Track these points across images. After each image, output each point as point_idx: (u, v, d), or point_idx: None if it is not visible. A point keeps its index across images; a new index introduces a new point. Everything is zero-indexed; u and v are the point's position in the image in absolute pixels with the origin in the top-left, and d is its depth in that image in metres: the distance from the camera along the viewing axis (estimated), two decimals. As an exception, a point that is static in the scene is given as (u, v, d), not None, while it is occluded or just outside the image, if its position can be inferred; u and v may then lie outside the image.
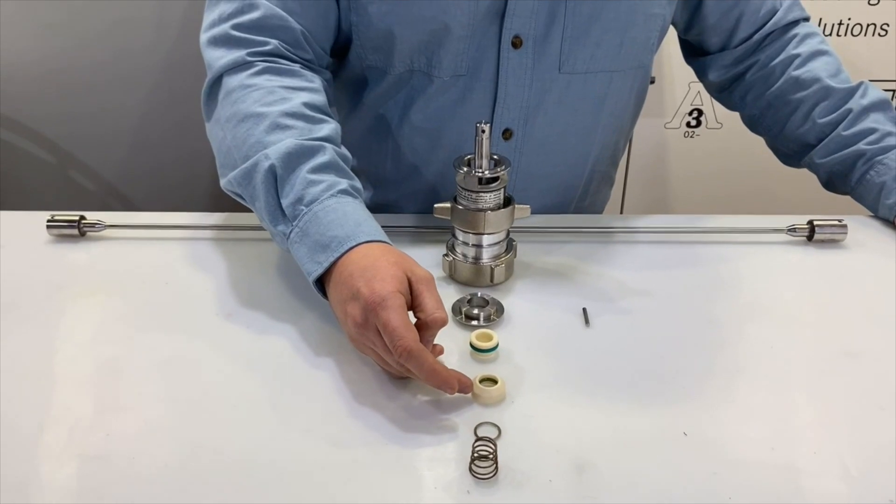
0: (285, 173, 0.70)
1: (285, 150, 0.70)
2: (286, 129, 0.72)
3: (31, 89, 1.49)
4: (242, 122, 0.74)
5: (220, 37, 0.79)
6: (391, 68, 0.86)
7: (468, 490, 0.54)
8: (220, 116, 0.77)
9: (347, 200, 0.69)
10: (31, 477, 0.55)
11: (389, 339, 0.59)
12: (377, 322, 0.60)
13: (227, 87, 0.77)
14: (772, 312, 0.74)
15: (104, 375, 0.65)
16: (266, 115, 0.73)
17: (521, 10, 0.82)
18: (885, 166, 0.87)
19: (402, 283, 0.62)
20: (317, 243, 0.67)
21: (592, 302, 0.75)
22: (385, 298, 0.60)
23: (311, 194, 0.69)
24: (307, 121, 0.74)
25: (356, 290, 0.61)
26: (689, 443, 0.59)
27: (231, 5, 0.79)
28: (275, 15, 0.79)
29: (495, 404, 0.62)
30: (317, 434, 0.59)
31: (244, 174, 0.72)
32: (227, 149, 0.75)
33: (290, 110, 0.73)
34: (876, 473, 0.56)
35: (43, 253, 0.82)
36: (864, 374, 0.66)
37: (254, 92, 0.75)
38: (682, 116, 1.69)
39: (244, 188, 0.73)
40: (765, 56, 0.96)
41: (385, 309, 0.59)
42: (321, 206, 0.68)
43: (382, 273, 0.62)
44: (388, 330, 0.59)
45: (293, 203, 0.69)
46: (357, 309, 0.61)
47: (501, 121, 0.88)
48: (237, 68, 0.77)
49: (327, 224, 0.67)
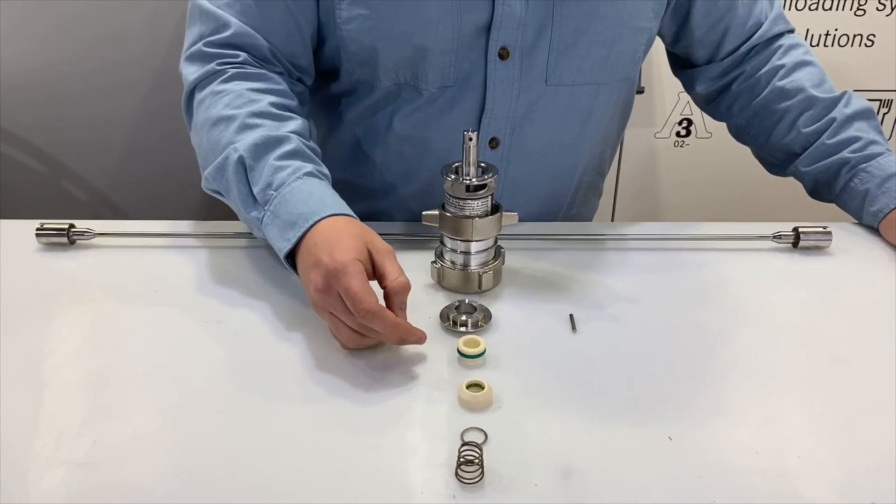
0: (254, 163, 0.74)
1: (252, 142, 0.75)
2: (255, 127, 0.76)
3: (23, 99, 1.49)
4: (215, 126, 0.78)
5: (195, 54, 0.84)
6: (378, 82, 0.87)
7: (454, 495, 0.55)
8: (197, 123, 0.81)
9: (313, 181, 0.74)
10: (18, 484, 0.55)
11: (351, 302, 0.63)
12: (339, 288, 0.64)
13: (200, 96, 0.82)
14: (757, 318, 0.75)
15: (93, 383, 0.66)
16: (235, 116, 0.77)
17: (507, 22, 0.83)
18: (869, 174, 0.88)
19: (362, 253, 0.67)
20: (285, 222, 0.71)
21: (579, 308, 0.75)
22: (346, 265, 0.64)
23: (279, 179, 0.73)
24: (274, 118, 0.78)
25: (318, 258, 0.66)
26: (673, 447, 0.59)
27: (206, 26, 0.84)
28: (244, 33, 0.83)
29: (482, 409, 0.62)
30: (304, 441, 0.59)
31: (217, 169, 0.76)
32: (204, 153, 0.80)
33: (258, 110, 0.78)
34: (860, 477, 0.57)
35: (32, 261, 0.82)
36: (849, 380, 0.67)
37: (224, 97, 0.79)
38: (671, 126, 1.70)
39: (218, 182, 0.77)
40: (750, 67, 0.97)
41: (346, 275, 0.64)
42: (289, 189, 0.72)
43: (343, 243, 0.67)
44: (350, 294, 0.63)
45: (263, 189, 0.73)
46: (319, 276, 0.65)
47: (488, 130, 0.89)
48: (208, 78, 0.82)
49: (294, 203, 0.72)
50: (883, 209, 0.87)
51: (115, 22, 1.46)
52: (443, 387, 0.65)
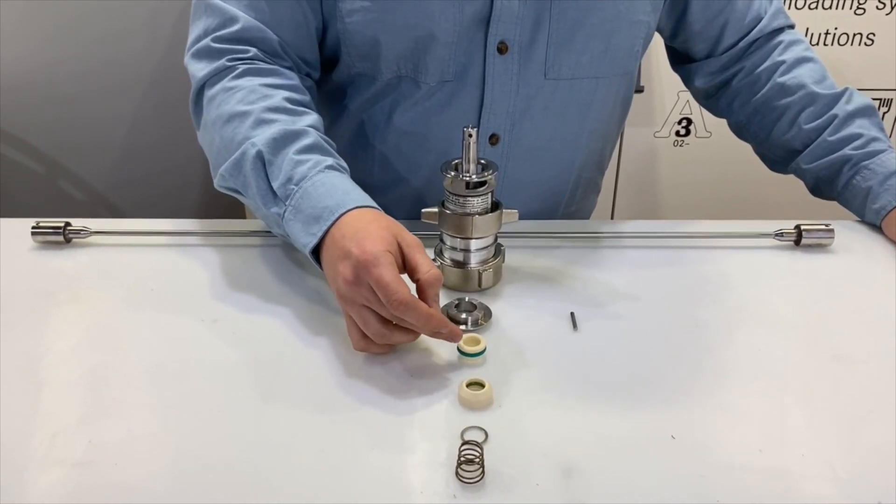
0: (272, 157, 0.73)
1: (270, 136, 0.73)
2: (271, 122, 0.75)
3: (20, 98, 1.49)
4: (228, 123, 0.76)
5: (203, 50, 0.82)
6: (379, 75, 0.86)
7: (454, 494, 0.54)
8: (207, 121, 0.79)
9: (334, 174, 0.72)
10: (14, 483, 0.55)
11: (384, 293, 0.62)
12: (370, 279, 0.63)
13: (210, 93, 0.80)
14: (759, 316, 0.74)
15: (89, 382, 0.65)
16: (250, 112, 0.75)
17: (506, 15, 0.82)
18: (871, 171, 0.88)
19: (392, 245, 0.65)
20: (310, 216, 0.70)
21: (580, 306, 0.75)
22: (376, 257, 0.63)
23: (300, 173, 0.71)
24: (290, 113, 0.77)
25: (347, 250, 0.65)
26: (676, 446, 0.58)
27: (212, 21, 0.82)
28: (253, 27, 0.81)
29: (482, 408, 0.62)
30: (302, 440, 0.59)
31: (234, 165, 0.74)
32: (217, 150, 0.77)
33: (273, 105, 0.76)
34: (864, 475, 0.56)
35: (28, 260, 0.82)
36: (852, 378, 0.66)
37: (237, 93, 0.77)
38: (671, 125, 1.70)
39: (235, 178, 0.75)
40: (750, 63, 0.96)
41: (377, 266, 0.62)
42: (310, 183, 0.71)
43: (373, 235, 0.65)
44: (382, 285, 0.62)
45: (284, 184, 0.72)
46: (348, 268, 0.64)
47: (488, 126, 0.88)
48: (219, 74, 0.80)
49: (318, 197, 0.70)
50: (885, 206, 0.86)
51: (112, 22, 1.46)
52: (443, 385, 0.64)
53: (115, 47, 1.48)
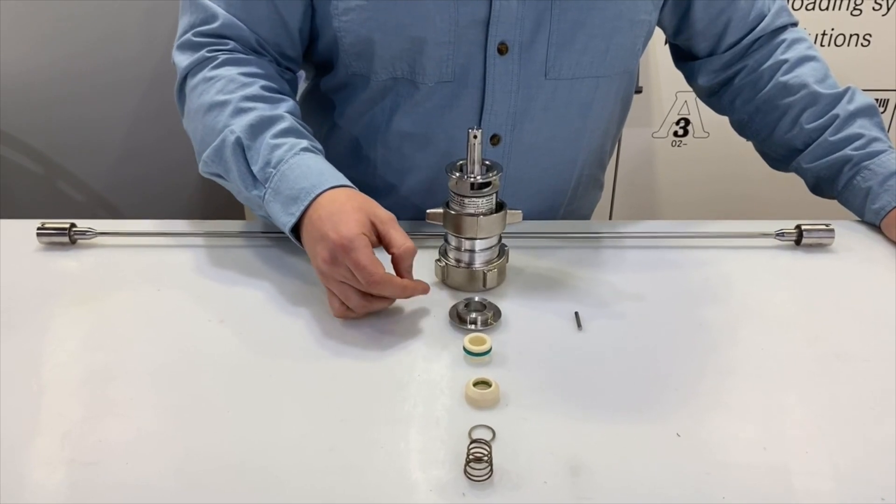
0: (251, 142, 0.77)
1: (247, 122, 0.77)
2: (249, 111, 0.79)
3: (20, 99, 1.48)
4: (209, 112, 0.80)
5: (185, 43, 0.86)
6: (374, 75, 0.87)
7: (463, 492, 0.54)
8: (190, 109, 0.83)
9: (309, 156, 0.76)
10: (23, 483, 0.55)
11: (361, 275, 0.68)
12: (347, 262, 0.68)
13: (192, 82, 0.84)
14: (761, 316, 0.75)
15: (96, 382, 0.65)
16: (229, 101, 0.79)
17: (506, 16, 0.83)
18: (871, 171, 0.88)
19: (366, 226, 0.70)
20: (288, 198, 0.74)
21: (584, 306, 0.75)
22: (351, 240, 0.68)
23: (277, 156, 0.76)
24: (267, 101, 0.81)
25: (324, 233, 0.70)
26: (682, 444, 0.59)
27: (196, 17, 0.86)
28: (231, 24, 0.85)
29: (489, 407, 0.62)
30: (310, 438, 0.59)
31: (215, 151, 0.79)
32: (200, 138, 0.82)
33: (251, 94, 0.80)
34: (867, 473, 0.57)
35: (33, 261, 0.82)
36: (854, 376, 0.67)
37: (216, 82, 0.82)
38: (669, 126, 1.70)
39: (217, 164, 0.79)
40: (753, 61, 0.96)
41: (353, 250, 0.68)
42: (287, 165, 0.75)
43: (347, 217, 0.70)
44: (359, 268, 0.67)
45: (262, 167, 0.76)
46: (325, 250, 0.69)
47: (489, 126, 0.89)
48: (200, 64, 0.84)
49: (294, 179, 0.74)
50: (885, 207, 0.87)
51: (111, 23, 1.46)
52: (449, 384, 0.65)
53: (115, 48, 1.48)
